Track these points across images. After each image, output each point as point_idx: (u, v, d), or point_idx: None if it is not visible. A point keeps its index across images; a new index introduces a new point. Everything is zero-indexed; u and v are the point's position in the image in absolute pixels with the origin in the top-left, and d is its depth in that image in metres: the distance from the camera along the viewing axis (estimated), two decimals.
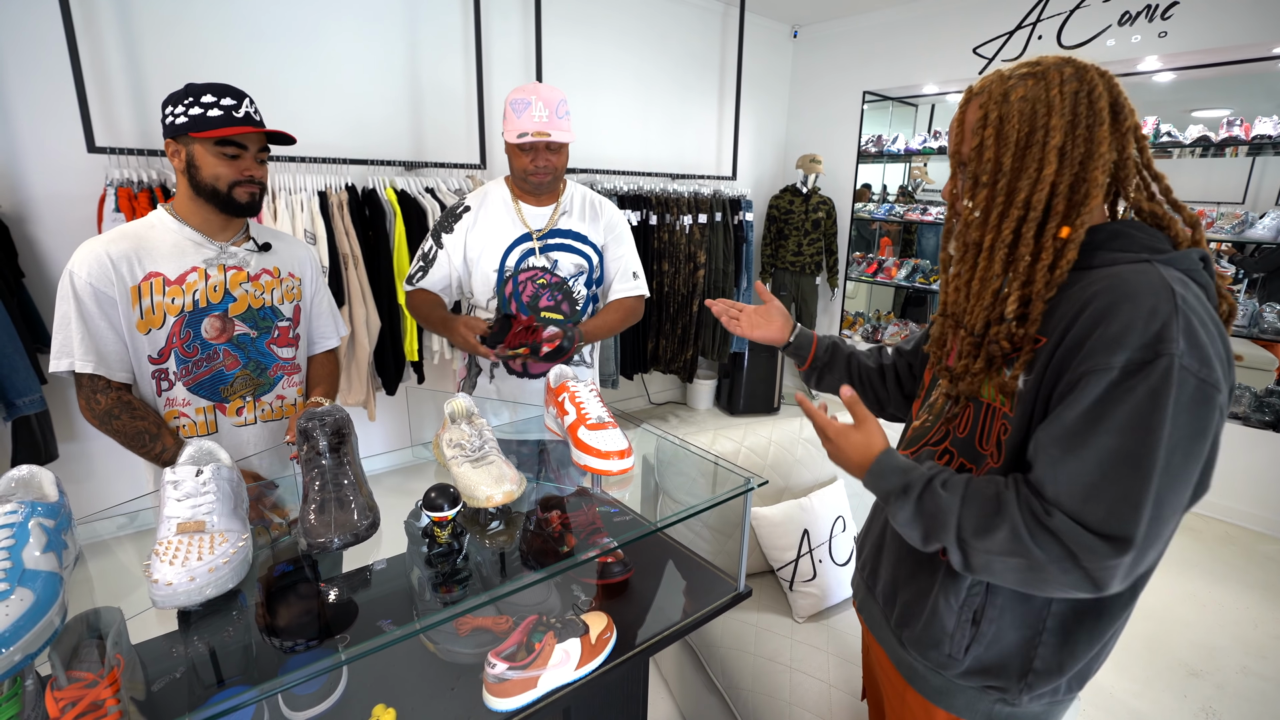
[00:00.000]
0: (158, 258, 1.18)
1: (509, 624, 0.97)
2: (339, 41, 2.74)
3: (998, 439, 0.77)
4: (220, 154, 1.15)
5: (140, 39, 2.34)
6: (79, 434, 2.50)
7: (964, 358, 0.80)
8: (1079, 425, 0.65)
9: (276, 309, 1.32)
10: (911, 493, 0.76)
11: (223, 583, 0.76)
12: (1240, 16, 2.83)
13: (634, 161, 3.85)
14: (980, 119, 0.75)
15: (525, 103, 1.45)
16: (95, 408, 1.16)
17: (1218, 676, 2.01)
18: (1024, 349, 0.73)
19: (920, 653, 0.86)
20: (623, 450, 1.10)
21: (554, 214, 1.61)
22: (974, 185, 0.76)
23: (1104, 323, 0.65)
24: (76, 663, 0.74)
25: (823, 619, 1.59)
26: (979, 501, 0.71)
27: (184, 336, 1.21)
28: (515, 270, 1.58)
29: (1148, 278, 0.66)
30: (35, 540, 0.73)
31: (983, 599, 0.79)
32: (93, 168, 2.26)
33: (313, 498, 0.86)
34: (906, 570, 0.89)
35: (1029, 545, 0.66)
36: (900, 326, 4.39)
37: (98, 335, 1.14)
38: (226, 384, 1.26)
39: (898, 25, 3.98)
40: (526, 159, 1.50)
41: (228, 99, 1.15)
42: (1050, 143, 0.70)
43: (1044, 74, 0.72)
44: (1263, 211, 3.12)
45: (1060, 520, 0.65)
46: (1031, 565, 0.67)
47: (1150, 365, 0.62)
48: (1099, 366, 0.64)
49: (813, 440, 1.85)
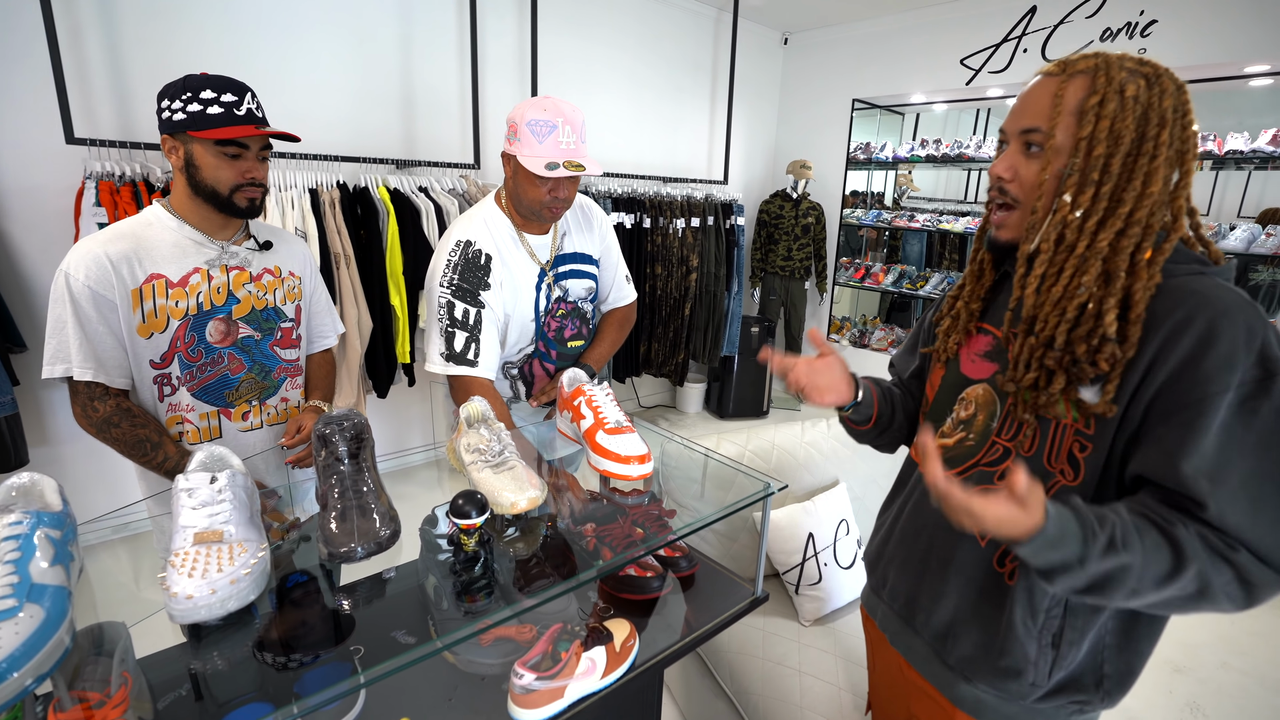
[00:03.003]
0: (158, 259, 1.13)
1: (533, 633, 0.94)
2: (330, 35, 2.68)
3: (1070, 455, 0.73)
4: (221, 154, 1.10)
5: (122, 26, 2.26)
6: (51, 438, 2.39)
7: (1034, 370, 0.75)
8: (1216, 451, 0.64)
9: (280, 310, 1.28)
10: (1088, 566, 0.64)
11: (244, 595, 0.72)
12: (1215, 36, 2.94)
13: (627, 164, 3.85)
14: (1095, 105, 0.68)
15: (550, 125, 1.24)
16: (93, 415, 1.11)
17: (1200, 672, 2.07)
18: (1116, 369, 0.69)
19: (995, 685, 0.81)
20: (642, 455, 1.09)
21: (554, 239, 1.45)
22: (1081, 181, 0.70)
23: (1210, 343, 0.64)
24: (80, 682, 0.70)
25: (828, 622, 1.59)
26: (1155, 549, 0.64)
27: (189, 340, 1.16)
28: (546, 312, 1.43)
29: (1228, 292, 0.66)
30: (42, 552, 0.69)
31: (1061, 620, 0.76)
32: (71, 160, 2.17)
33: (332, 505, 0.83)
34: (970, 600, 0.83)
35: (1210, 580, 0.64)
36: (887, 331, 4.44)
37: (96, 340, 1.09)
38: (232, 388, 1.22)
39: (886, 35, 4.04)
40: (544, 190, 1.28)
41: (228, 94, 1.09)
42: (1159, 157, 0.67)
43: (1157, 79, 0.68)
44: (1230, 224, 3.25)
45: (1245, 557, 0.63)
46: (1200, 594, 0.64)
47: (1268, 383, 0.63)
48: (1218, 389, 0.63)
49: (814, 444, 1.85)
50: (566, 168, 1.23)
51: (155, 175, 2.21)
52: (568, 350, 1.51)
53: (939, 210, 4.34)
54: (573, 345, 1.52)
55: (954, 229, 4.05)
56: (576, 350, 1.54)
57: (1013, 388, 0.78)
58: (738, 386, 4.27)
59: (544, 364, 1.50)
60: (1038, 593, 0.76)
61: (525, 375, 1.51)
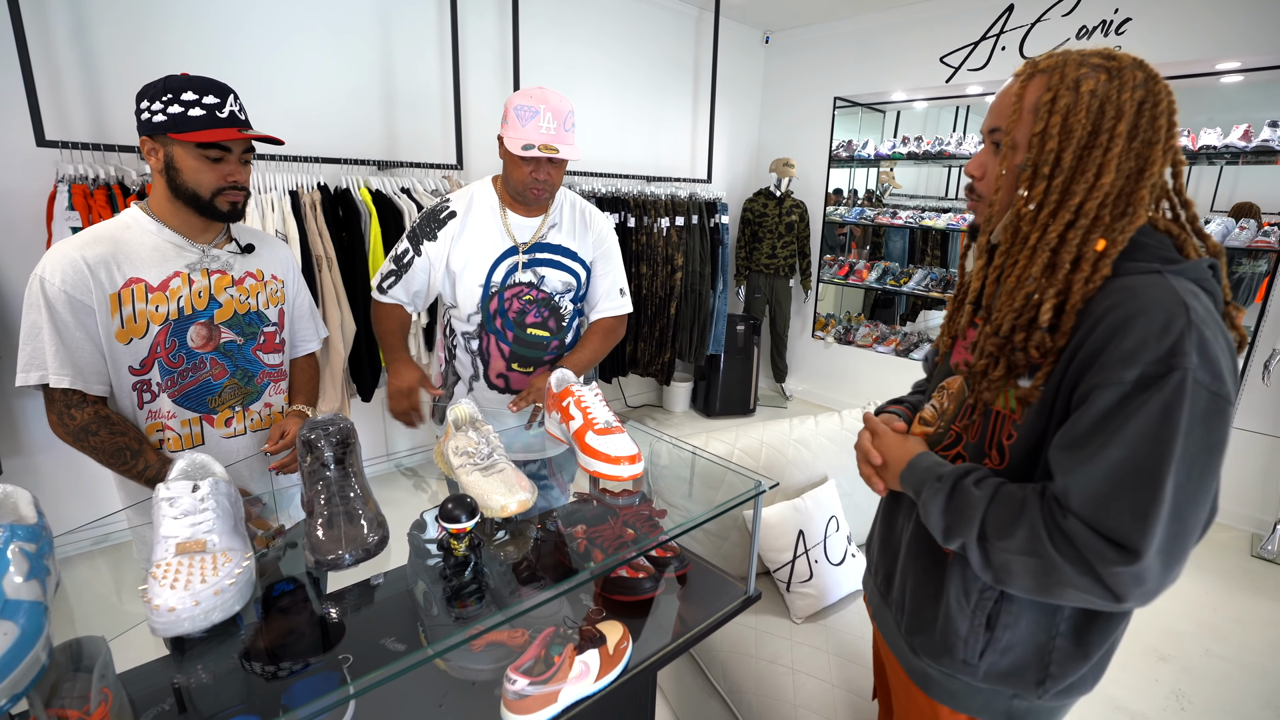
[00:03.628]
0: (137, 262, 1.10)
1: (525, 637, 0.93)
2: (308, 36, 2.64)
3: (999, 442, 0.78)
4: (202, 157, 1.08)
5: (95, 25, 2.20)
6: (25, 447, 2.33)
7: (984, 357, 0.79)
8: (1089, 436, 0.66)
9: (262, 314, 1.25)
10: (944, 483, 0.76)
11: (229, 606, 0.71)
12: (1188, 34, 3.00)
13: (611, 163, 3.84)
14: (1047, 102, 0.71)
15: (533, 110, 1.32)
16: (69, 423, 1.08)
17: (1184, 660, 2.11)
18: (1048, 359, 0.72)
19: (933, 659, 0.85)
20: (633, 455, 1.08)
21: (542, 226, 1.50)
22: (1033, 175, 0.73)
23: (1118, 337, 0.65)
24: (58, 700, 0.68)
25: (820, 619, 1.60)
26: (1005, 502, 0.71)
27: (169, 346, 1.13)
28: (501, 286, 1.48)
29: (1160, 291, 0.66)
30: (16, 567, 0.67)
31: (997, 603, 0.79)
32: (42, 162, 2.11)
33: (319, 512, 0.82)
34: (917, 576, 0.89)
35: (1045, 545, 0.66)
36: (871, 328, 4.48)
37: (74, 346, 1.06)
38: (215, 394, 1.20)
39: (867, 33, 4.08)
40: (526, 171, 1.38)
41: (210, 96, 1.06)
42: (1112, 149, 0.68)
43: (1119, 72, 0.69)
44: (1205, 218, 3.31)
45: (1074, 524, 0.65)
46: (1046, 567, 0.67)
47: (1163, 379, 0.62)
48: (1112, 380, 0.64)
49: (803, 441, 1.86)
50: (542, 150, 1.31)
51: (131, 178, 2.16)
52: (526, 336, 1.52)
53: (921, 207, 4.38)
54: (533, 333, 1.53)
55: (936, 225, 4.10)
56: (536, 339, 1.54)
57: (965, 372, 0.83)
58: (724, 385, 4.28)
59: (500, 344, 1.52)
60: (970, 572, 0.80)
61: (483, 351, 1.54)
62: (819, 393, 4.71)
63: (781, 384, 4.76)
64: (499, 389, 1.56)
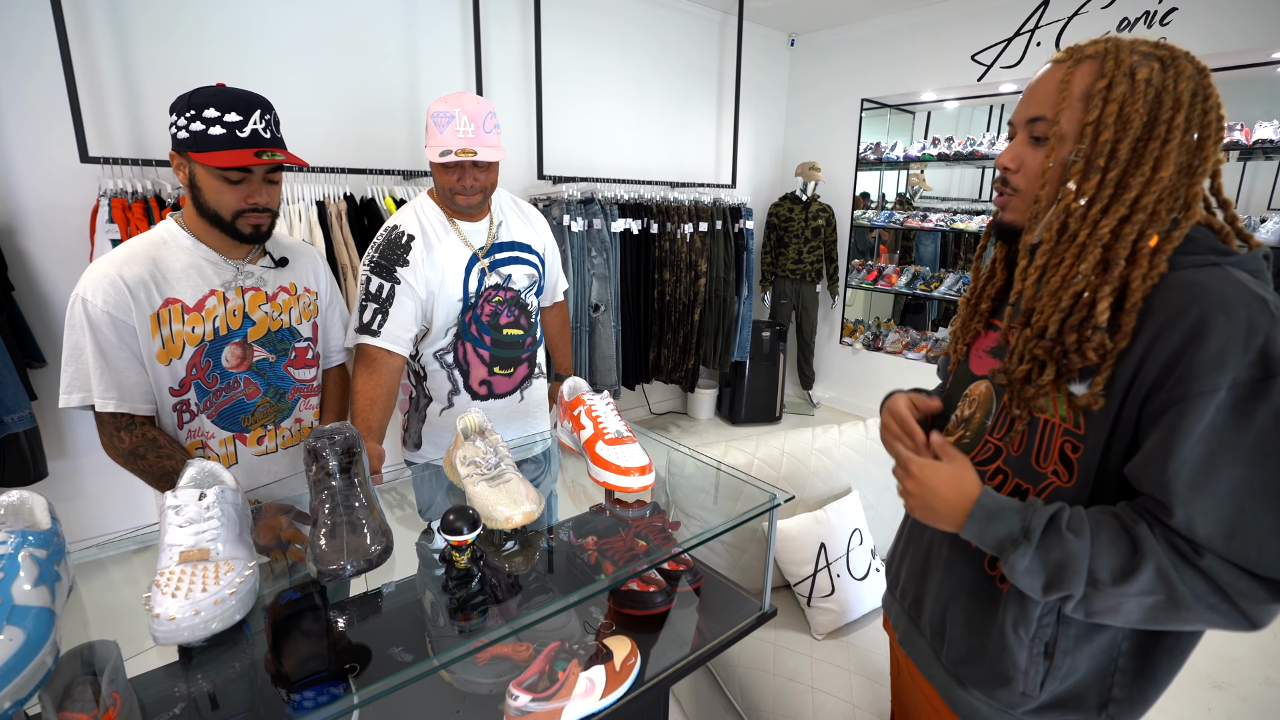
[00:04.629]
0: (174, 281, 1.09)
1: (530, 651, 0.92)
2: (337, 49, 2.71)
3: (1061, 455, 0.71)
4: (222, 178, 1.04)
5: (135, 47, 2.30)
6: (69, 451, 2.43)
7: (1026, 362, 0.73)
8: (1203, 458, 0.60)
9: (295, 329, 1.24)
10: (1033, 538, 0.66)
11: (229, 615, 0.71)
12: (1238, 22, 2.85)
13: (634, 170, 3.83)
14: (1102, 89, 0.66)
15: (448, 116, 1.29)
16: (119, 446, 1.07)
17: (1241, 688, 1.98)
18: (1106, 362, 0.66)
19: (986, 691, 0.79)
20: (643, 466, 1.06)
21: (491, 227, 1.48)
22: (1085, 168, 0.68)
23: (1199, 338, 0.60)
24: (69, 702, 0.69)
25: (842, 635, 1.55)
26: (1111, 542, 0.64)
27: (204, 366, 1.12)
28: (477, 294, 1.45)
29: (1231, 285, 0.61)
30: (26, 573, 0.68)
31: (1054, 629, 0.73)
32: (85, 178, 2.21)
33: (323, 521, 0.81)
34: (962, 602, 0.82)
35: (1176, 584, 0.61)
36: (901, 334, 4.37)
37: (119, 367, 1.05)
38: (248, 413, 1.19)
39: (895, 33, 3.99)
40: (452, 177, 1.34)
41: (232, 114, 1.02)
42: (1171, 142, 0.64)
43: (1174, 61, 0.65)
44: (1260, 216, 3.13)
45: (1213, 561, 0.60)
46: (1174, 602, 0.61)
47: (1266, 384, 0.58)
48: (1204, 388, 0.59)
49: (826, 451, 1.81)
50: (459, 155, 1.29)
51: (166, 191, 2.24)
52: (503, 337, 1.51)
53: (953, 210, 4.26)
54: (509, 333, 1.51)
55: (968, 228, 3.98)
56: (513, 339, 1.52)
57: (1004, 379, 0.76)
58: (749, 391, 4.22)
59: (478, 349, 1.50)
60: (1029, 601, 0.73)
61: (460, 362, 1.50)
62: (847, 400, 4.61)
63: (808, 391, 4.68)
64: (481, 396, 1.53)
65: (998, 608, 0.77)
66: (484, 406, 1.53)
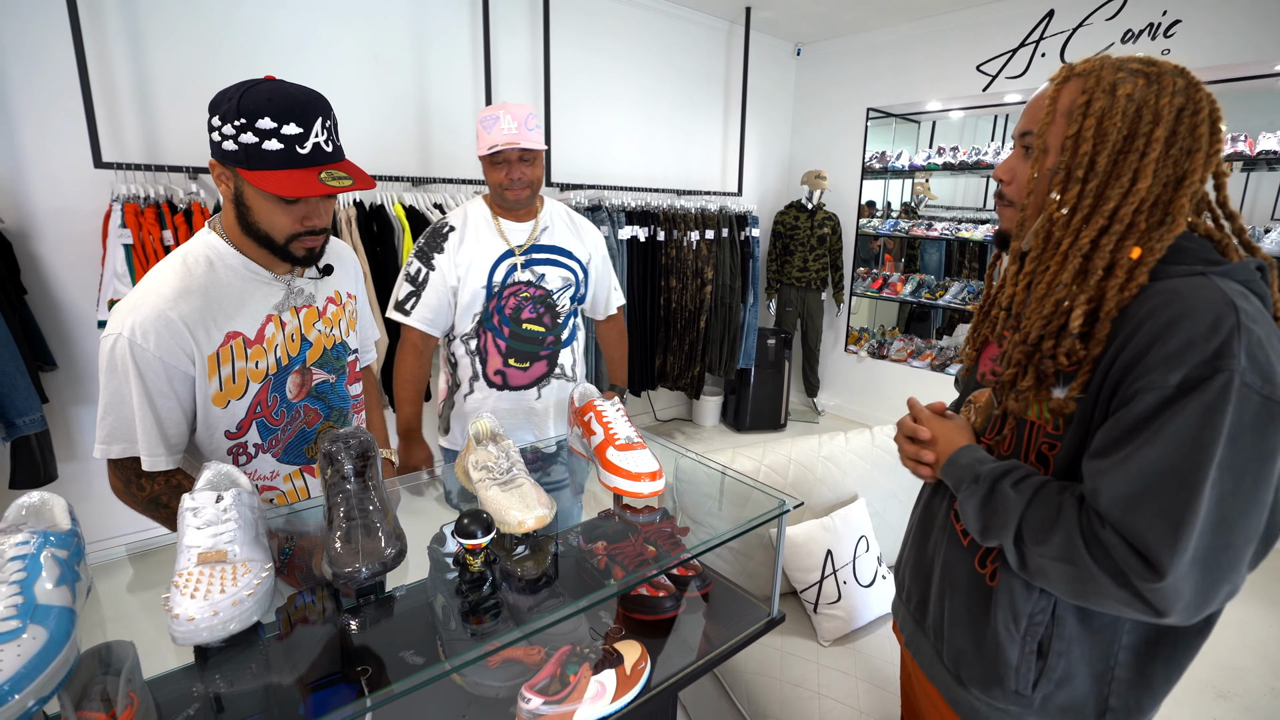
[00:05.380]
0: (231, 311, 0.97)
1: (541, 655, 0.92)
2: (347, 55, 2.74)
3: (1040, 454, 0.75)
4: (276, 199, 0.92)
5: (149, 53, 2.33)
6: (79, 453, 2.44)
7: (1012, 366, 0.77)
8: (1125, 437, 0.63)
9: (345, 344, 1.14)
10: (981, 484, 0.74)
11: (247, 616, 0.72)
12: (1243, 33, 2.86)
13: (640, 177, 3.86)
14: (1082, 104, 0.70)
15: (494, 118, 1.47)
16: (138, 494, 0.98)
17: (1246, 698, 1.97)
18: (1082, 368, 0.69)
19: (983, 690, 0.81)
20: (653, 472, 1.07)
21: (534, 229, 1.60)
22: (1066, 178, 0.71)
23: (1162, 339, 0.62)
24: (87, 702, 0.70)
25: (849, 642, 1.54)
26: (1043, 505, 0.69)
27: (271, 403, 1.01)
28: (502, 286, 1.56)
29: (1207, 292, 0.63)
30: (48, 573, 0.69)
31: (1048, 628, 0.75)
32: (98, 183, 2.24)
33: (338, 525, 0.82)
34: (960, 601, 0.85)
35: (1081, 554, 0.64)
36: (906, 342, 4.37)
37: (166, 420, 0.94)
38: (310, 443, 1.11)
39: (900, 43, 4.02)
40: (501, 173, 1.49)
41: (291, 125, 0.86)
42: (1149, 154, 0.66)
43: (1159, 77, 0.68)
44: (1265, 227, 3.14)
45: (1110, 534, 0.63)
46: (1082, 575, 0.65)
47: (1207, 381, 0.59)
48: (1154, 384, 0.61)
49: (832, 458, 1.81)
50: (505, 145, 1.45)
51: (178, 197, 2.26)
52: (521, 331, 1.59)
53: (957, 219, 4.27)
54: (528, 328, 1.60)
55: (973, 237, 3.99)
56: (532, 334, 1.60)
57: (992, 383, 0.81)
58: (755, 399, 4.22)
59: (496, 340, 1.59)
60: (1019, 597, 0.76)
61: (481, 350, 1.60)
62: (852, 408, 4.61)
63: (813, 399, 4.68)
64: (497, 386, 1.61)
65: (989, 605, 0.79)
66: (499, 397, 1.61)
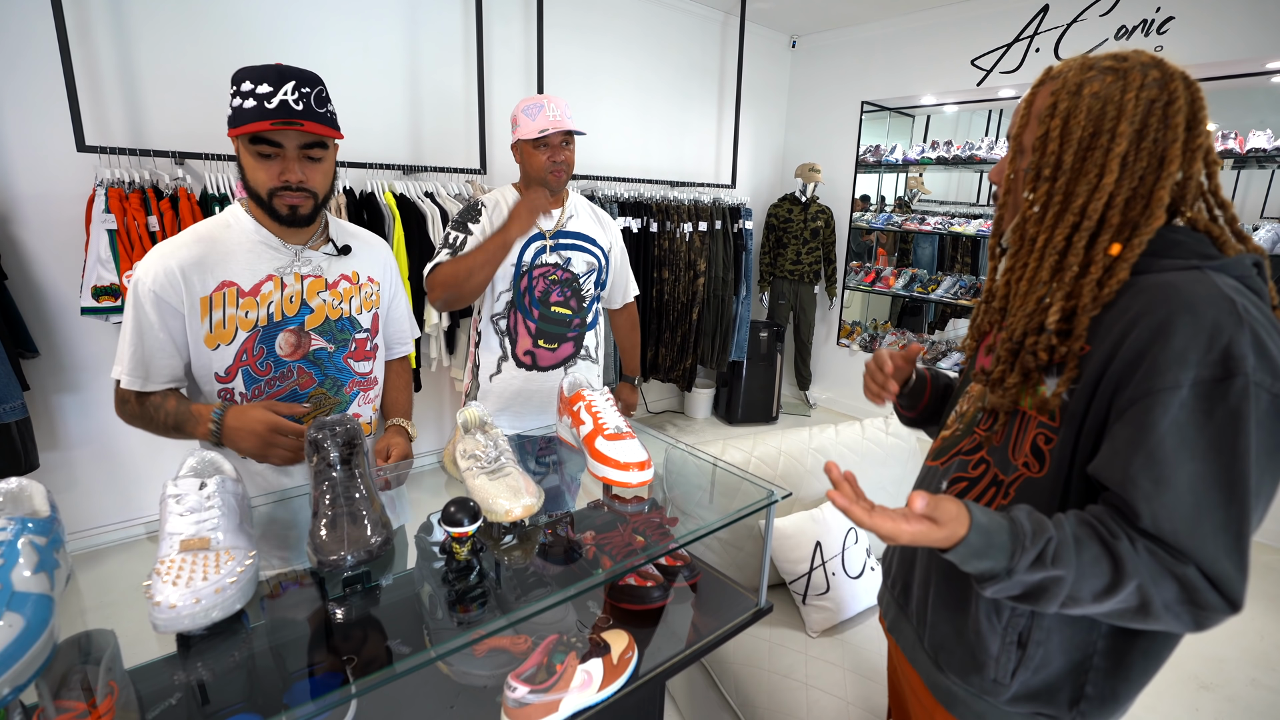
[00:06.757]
0: (231, 264, 1.07)
1: (528, 644, 0.92)
2: (337, 42, 2.70)
3: (1034, 446, 0.74)
4: (256, 154, 1.00)
5: (135, 35, 2.28)
6: (61, 442, 2.41)
7: (1000, 363, 0.77)
8: (1162, 453, 0.61)
9: (355, 320, 1.20)
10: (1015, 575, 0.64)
11: (229, 604, 0.71)
12: (1235, 31, 2.87)
13: (634, 168, 3.84)
14: (1049, 107, 0.71)
15: (539, 105, 1.56)
16: (130, 410, 1.09)
17: (1228, 689, 2.00)
18: (1068, 364, 0.69)
19: (961, 677, 0.82)
20: (642, 462, 1.06)
21: (561, 216, 1.69)
22: (1035, 177, 0.73)
23: (1163, 337, 0.62)
24: (66, 691, 0.69)
25: (837, 633, 1.55)
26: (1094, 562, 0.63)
27: (257, 353, 1.09)
28: (531, 265, 1.64)
29: (1203, 287, 0.63)
30: (25, 560, 0.68)
31: (1027, 620, 0.75)
32: (82, 167, 2.20)
33: (323, 512, 0.82)
34: (943, 590, 0.85)
35: (1152, 596, 0.62)
36: (898, 336, 4.39)
37: (152, 348, 1.06)
38: (300, 402, 1.16)
39: (896, 37, 4.01)
40: (544, 156, 1.57)
41: (264, 85, 0.96)
42: (1114, 150, 0.66)
43: (1125, 73, 0.68)
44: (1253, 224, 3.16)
45: (1194, 573, 0.61)
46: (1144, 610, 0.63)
47: (1225, 385, 0.59)
48: (1166, 384, 0.61)
49: (822, 450, 1.82)
50: (554, 127, 1.54)
51: (164, 182, 2.23)
52: (550, 314, 1.68)
53: (950, 213, 4.28)
54: (557, 310, 1.68)
55: (966, 231, 4.00)
56: (560, 316, 1.69)
57: (983, 378, 0.81)
58: (747, 391, 4.23)
59: (526, 321, 1.68)
60: None
61: (510, 330, 1.68)
62: (843, 401, 4.63)
63: (805, 391, 4.69)
64: (526, 366, 1.69)
65: (972, 594, 0.79)
66: (528, 378, 1.70)
